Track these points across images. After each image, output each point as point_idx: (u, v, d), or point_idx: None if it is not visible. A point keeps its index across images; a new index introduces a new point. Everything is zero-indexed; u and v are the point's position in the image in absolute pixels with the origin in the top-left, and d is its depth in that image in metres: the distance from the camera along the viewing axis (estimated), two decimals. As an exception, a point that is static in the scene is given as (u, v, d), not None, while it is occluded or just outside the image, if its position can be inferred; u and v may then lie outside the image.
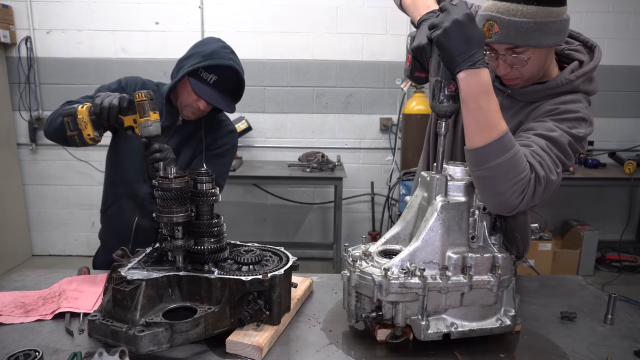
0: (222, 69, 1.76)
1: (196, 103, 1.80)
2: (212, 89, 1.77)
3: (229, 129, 2.05)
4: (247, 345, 1.15)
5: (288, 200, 4.63)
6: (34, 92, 4.33)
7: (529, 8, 1.27)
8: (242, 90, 1.87)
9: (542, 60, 1.38)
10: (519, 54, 1.34)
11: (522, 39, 1.29)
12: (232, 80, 1.80)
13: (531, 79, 1.43)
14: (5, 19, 4.08)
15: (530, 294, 1.55)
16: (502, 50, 1.35)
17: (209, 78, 1.76)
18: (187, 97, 1.81)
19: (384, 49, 4.33)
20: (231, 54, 1.81)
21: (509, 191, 1.15)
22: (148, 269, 1.25)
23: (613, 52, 4.37)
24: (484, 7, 1.36)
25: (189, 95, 1.80)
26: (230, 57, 1.79)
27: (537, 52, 1.34)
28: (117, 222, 1.94)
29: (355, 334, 1.29)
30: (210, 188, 1.29)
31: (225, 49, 1.81)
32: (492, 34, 1.32)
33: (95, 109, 1.45)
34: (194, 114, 1.86)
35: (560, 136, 1.29)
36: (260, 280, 1.19)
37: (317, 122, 4.49)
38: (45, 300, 1.42)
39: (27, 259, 4.61)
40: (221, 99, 1.79)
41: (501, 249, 1.23)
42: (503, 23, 1.29)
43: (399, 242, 1.31)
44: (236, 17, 4.25)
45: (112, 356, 1.00)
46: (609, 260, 4.50)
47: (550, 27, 1.30)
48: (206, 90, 1.76)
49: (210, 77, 1.76)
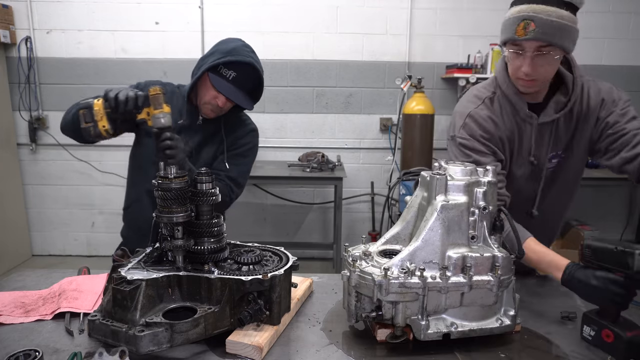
0: (241, 65, 1.79)
1: (215, 100, 1.82)
2: (231, 85, 1.79)
3: (251, 128, 2.08)
4: (247, 345, 1.15)
5: (288, 200, 4.63)
6: (34, 92, 4.33)
7: (562, 12, 1.39)
8: (262, 89, 1.90)
9: (557, 66, 1.50)
10: (546, 55, 1.42)
11: (556, 37, 1.39)
12: (251, 77, 1.83)
13: (545, 82, 1.54)
14: (5, 19, 4.08)
15: (530, 294, 1.55)
16: (532, 48, 1.42)
17: (228, 74, 1.78)
18: (206, 93, 1.83)
19: (384, 49, 4.33)
20: (251, 52, 1.84)
21: None
22: (148, 269, 1.25)
23: (613, 52, 4.37)
24: (518, 10, 1.44)
25: (207, 91, 1.82)
26: (250, 55, 1.82)
27: (558, 56, 1.44)
28: (137, 220, 1.96)
29: (355, 334, 1.29)
30: (210, 188, 1.28)
31: (246, 48, 1.85)
32: (528, 32, 1.39)
33: (111, 103, 1.45)
34: (212, 111, 1.87)
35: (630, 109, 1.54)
36: (260, 280, 1.19)
37: (317, 122, 4.49)
38: (45, 300, 1.42)
39: (27, 259, 4.61)
40: (239, 95, 1.81)
41: (501, 249, 1.23)
42: (540, 22, 1.38)
43: (399, 242, 1.32)
44: (236, 17, 4.25)
45: (112, 356, 1.00)
46: (609, 260, 4.50)
47: (573, 34, 1.42)
48: (225, 86, 1.79)
49: (229, 74, 1.78)
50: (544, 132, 1.59)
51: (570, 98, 1.56)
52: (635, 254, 1.11)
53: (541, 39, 1.39)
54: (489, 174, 1.26)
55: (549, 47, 1.41)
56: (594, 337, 1.22)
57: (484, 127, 1.57)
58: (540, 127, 1.59)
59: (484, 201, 1.24)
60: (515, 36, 1.42)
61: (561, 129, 1.60)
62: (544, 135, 1.60)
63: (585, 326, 1.25)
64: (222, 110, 1.88)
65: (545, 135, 1.60)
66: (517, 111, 1.58)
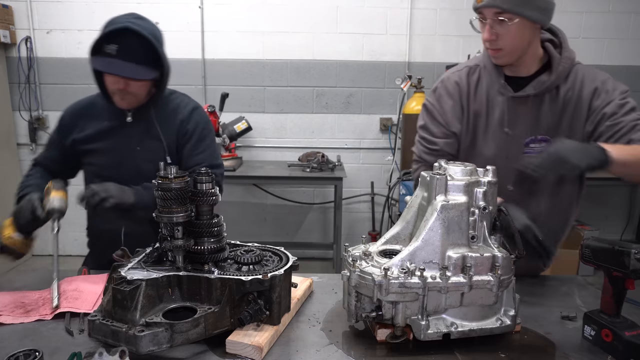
0: (120, 34, 1.58)
1: (115, 85, 1.65)
2: (115, 59, 1.58)
3: (190, 107, 1.87)
4: (247, 345, 1.15)
5: (288, 200, 4.63)
6: (34, 92, 4.33)
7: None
8: (159, 54, 1.68)
9: (524, 36, 1.48)
10: (505, 22, 1.44)
11: (512, 4, 1.41)
12: (137, 44, 1.61)
13: (514, 52, 1.52)
14: (5, 19, 4.08)
15: (530, 294, 1.55)
16: (490, 15, 1.46)
17: (110, 50, 1.58)
18: (106, 82, 1.69)
19: (384, 49, 4.33)
20: (133, 18, 1.64)
21: None
22: (148, 269, 1.25)
23: (613, 52, 4.37)
24: None
25: (105, 79, 1.67)
26: (128, 20, 1.62)
27: (520, 24, 1.44)
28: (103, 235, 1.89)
29: (355, 334, 1.29)
30: (210, 188, 1.28)
31: (127, 15, 1.65)
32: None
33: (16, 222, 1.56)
34: (123, 99, 1.70)
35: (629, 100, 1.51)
36: (260, 280, 1.18)
37: (317, 122, 4.49)
38: (45, 300, 1.42)
39: (27, 259, 4.60)
40: (129, 67, 1.60)
41: (501, 249, 1.23)
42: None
43: (399, 242, 1.31)
44: (236, 17, 4.25)
45: (112, 356, 1.00)
46: (609, 260, 4.50)
47: (538, 2, 1.43)
48: (108, 63, 1.59)
49: (111, 49, 1.58)
50: (520, 107, 1.59)
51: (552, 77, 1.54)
52: (631, 253, 1.12)
53: (495, 5, 1.42)
54: (489, 174, 1.26)
55: (506, 14, 1.42)
56: (594, 337, 1.22)
57: (450, 93, 1.65)
58: (515, 101, 1.58)
59: (484, 201, 1.24)
60: (476, 4, 1.48)
61: (544, 111, 1.58)
62: (519, 110, 1.59)
63: (586, 326, 1.26)
64: (136, 95, 1.70)
65: (521, 111, 1.59)
66: (493, 82, 1.61)
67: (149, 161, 1.76)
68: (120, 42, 1.59)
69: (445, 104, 1.66)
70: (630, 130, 1.45)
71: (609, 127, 1.49)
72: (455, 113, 1.65)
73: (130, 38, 1.60)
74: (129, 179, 1.75)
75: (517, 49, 1.51)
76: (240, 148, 4.40)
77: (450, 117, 1.65)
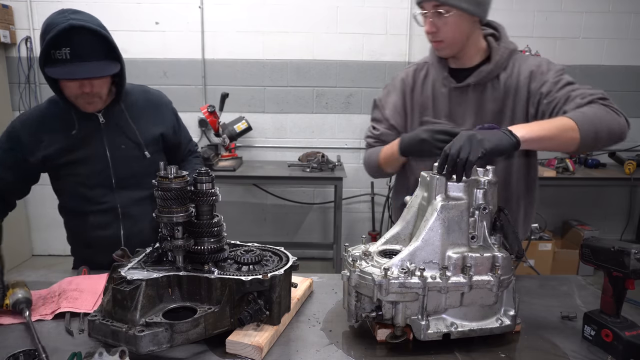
0: (66, 37, 1.46)
1: (79, 89, 1.56)
2: (73, 63, 1.48)
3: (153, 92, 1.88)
4: (247, 345, 1.15)
5: (288, 200, 4.63)
6: (34, 92, 4.33)
7: None
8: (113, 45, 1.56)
9: (463, 28, 1.56)
10: (443, 14, 1.52)
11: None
12: (88, 41, 1.49)
13: (455, 44, 1.60)
14: (5, 19, 4.08)
15: (530, 294, 1.55)
16: (429, 8, 1.54)
17: (62, 55, 1.46)
18: (65, 90, 1.59)
19: (384, 49, 4.33)
20: (72, 14, 1.51)
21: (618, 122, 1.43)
22: (148, 269, 1.25)
23: (613, 52, 4.36)
24: None
25: (65, 87, 1.58)
26: (69, 17, 1.49)
27: (458, 16, 1.52)
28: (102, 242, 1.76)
29: (355, 334, 1.29)
30: (210, 188, 1.28)
31: (61, 13, 1.53)
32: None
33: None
34: (89, 103, 1.63)
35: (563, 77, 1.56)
36: (260, 280, 1.18)
37: (317, 122, 4.49)
38: (45, 300, 1.42)
39: (27, 259, 4.61)
40: (91, 67, 1.50)
41: (501, 249, 1.23)
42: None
43: (399, 242, 1.32)
44: (236, 17, 4.25)
45: (112, 356, 1.00)
46: (609, 260, 4.49)
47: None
48: (67, 70, 1.48)
49: (63, 53, 1.46)
50: (463, 97, 1.66)
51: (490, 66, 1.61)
52: (631, 253, 1.12)
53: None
54: (489, 174, 1.26)
55: (443, 7, 1.51)
56: (594, 337, 1.22)
57: (396, 89, 1.78)
58: (458, 92, 1.67)
59: (484, 201, 1.24)
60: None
61: (487, 99, 1.64)
62: (463, 100, 1.66)
63: (586, 326, 1.26)
64: (101, 96, 1.63)
65: (464, 100, 1.66)
66: (438, 76, 1.69)
67: (137, 157, 1.77)
68: (70, 44, 1.46)
69: (390, 99, 1.79)
70: (564, 103, 1.50)
71: (547, 104, 1.54)
72: (396, 108, 1.77)
73: (79, 36, 1.47)
74: (122, 179, 1.76)
75: (457, 41, 1.59)
76: (240, 148, 4.40)
77: (391, 111, 1.77)
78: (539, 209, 4.73)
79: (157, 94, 1.92)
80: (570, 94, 1.49)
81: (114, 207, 1.78)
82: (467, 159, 1.19)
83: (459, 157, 1.19)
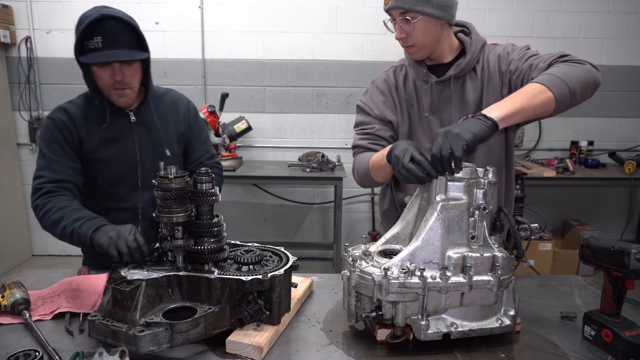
0: (99, 26, 1.55)
1: (111, 78, 1.63)
2: (104, 50, 1.56)
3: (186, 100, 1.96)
4: (247, 345, 1.15)
5: (288, 200, 4.63)
6: (34, 92, 4.33)
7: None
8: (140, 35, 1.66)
9: (431, 31, 1.60)
10: (410, 21, 1.57)
11: (409, 3, 1.55)
12: (118, 29, 1.59)
13: (426, 47, 1.64)
14: (5, 19, 4.08)
15: (530, 294, 1.55)
16: (397, 15, 1.60)
17: (94, 44, 1.56)
18: (99, 80, 1.65)
19: (384, 49, 4.33)
20: (103, 8, 1.60)
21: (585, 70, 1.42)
22: (148, 269, 1.25)
23: (613, 52, 4.37)
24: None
25: (98, 77, 1.64)
26: (100, 10, 1.58)
27: (425, 22, 1.57)
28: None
29: (355, 334, 1.29)
30: (210, 188, 1.28)
31: (94, 8, 1.61)
32: (390, 1, 1.61)
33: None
34: (121, 95, 1.68)
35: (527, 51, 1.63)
36: (260, 280, 1.19)
37: (317, 122, 4.49)
38: (45, 300, 1.42)
39: (27, 259, 4.61)
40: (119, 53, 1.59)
41: (501, 249, 1.23)
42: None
43: (399, 242, 1.31)
44: (236, 17, 4.25)
45: (112, 356, 1.00)
46: (609, 260, 4.49)
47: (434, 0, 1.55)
48: (100, 55, 1.57)
49: (95, 42, 1.56)
50: (445, 91, 1.70)
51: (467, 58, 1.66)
52: (631, 253, 1.12)
53: (399, 7, 1.57)
54: (489, 174, 1.26)
55: (410, 13, 1.56)
56: (595, 337, 1.22)
57: (380, 90, 1.79)
58: (440, 86, 1.70)
59: (484, 201, 1.24)
60: (385, 6, 1.64)
61: (468, 91, 1.68)
62: (445, 94, 1.70)
63: (586, 326, 1.26)
64: (132, 87, 1.68)
65: (447, 94, 1.69)
66: (417, 74, 1.73)
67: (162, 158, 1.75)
68: (102, 33, 1.55)
69: (377, 99, 1.80)
70: (529, 72, 1.53)
71: (516, 79, 1.59)
72: (388, 105, 1.78)
73: (110, 26, 1.57)
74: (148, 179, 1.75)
75: (427, 44, 1.63)
76: (240, 148, 4.41)
77: (383, 108, 1.78)
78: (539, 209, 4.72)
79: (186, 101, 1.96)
80: (533, 62, 1.54)
81: (135, 206, 1.79)
82: (450, 154, 1.20)
83: (442, 154, 1.20)
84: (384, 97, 1.78)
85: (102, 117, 1.73)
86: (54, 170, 1.66)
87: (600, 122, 4.46)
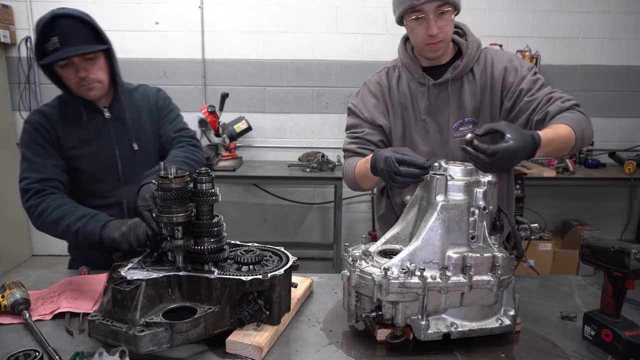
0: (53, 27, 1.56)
1: (74, 77, 1.65)
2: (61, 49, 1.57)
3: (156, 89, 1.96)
4: (247, 345, 1.15)
5: (288, 200, 4.63)
6: (34, 92, 4.33)
7: None
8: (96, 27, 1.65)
9: (452, 25, 1.60)
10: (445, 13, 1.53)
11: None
12: (74, 27, 1.59)
13: (448, 43, 1.63)
14: (5, 19, 4.09)
15: (530, 294, 1.55)
16: (431, 10, 1.52)
17: (52, 45, 1.57)
18: (66, 79, 1.67)
19: (384, 49, 4.33)
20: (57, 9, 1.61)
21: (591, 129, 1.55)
22: (148, 269, 1.25)
23: (613, 52, 4.37)
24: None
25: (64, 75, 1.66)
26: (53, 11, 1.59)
27: (451, 14, 1.55)
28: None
29: (355, 334, 1.29)
30: (210, 188, 1.28)
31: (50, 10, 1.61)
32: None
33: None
34: (90, 89, 1.68)
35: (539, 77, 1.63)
36: (260, 280, 1.18)
37: (317, 122, 4.49)
38: (45, 300, 1.42)
39: (27, 259, 4.61)
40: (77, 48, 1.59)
41: (501, 249, 1.23)
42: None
43: (399, 242, 1.31)
44: (236, 17, 4.25)
45: (112, 356, 1.00)
46: (609, 260, 4.49)
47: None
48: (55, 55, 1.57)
49: (52, 43, 1.57)
50: (442, 93, 1.68)
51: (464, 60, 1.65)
52: (631, 253, 1.12)
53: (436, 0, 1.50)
54: (489, 174, 1.26)
55: (445, 6, 1.52)
56: (595, 337, 1.22)
57: (372, 92, 1.76)
58: (437, 89, 1.68)
59: (484, 201, 1.24)
60: (415, 2, 1.52)
61: (466, 94, 1.67)
62: (442, 96, 1.68)
63: (586, 326, 1.26)
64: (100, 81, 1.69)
65: (444, 97, 1.68)
66: (413, 76, 1.70)
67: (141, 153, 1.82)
68: (57, 33, 1.56)
69: (369, 102, 1.77)
70: (546, 104, 1.55)
71: (528, 102, 1.58)
72: (380, 109, 1.76)
73: (64, 25, 1.58)
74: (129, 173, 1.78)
75: (450, 37, 1.62)
76: (240, 148, 4.41)
77: (374, 112, 1.75)
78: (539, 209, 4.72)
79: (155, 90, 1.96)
80: (551, 95, 1.56)
81: (119, 201, 1.80)
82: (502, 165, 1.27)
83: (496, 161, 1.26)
84: (375, 100, 1.76)
85: (78, 115, 1.75)
86: (38, 170, 1.69)
87: (601, 122, 4.46)
